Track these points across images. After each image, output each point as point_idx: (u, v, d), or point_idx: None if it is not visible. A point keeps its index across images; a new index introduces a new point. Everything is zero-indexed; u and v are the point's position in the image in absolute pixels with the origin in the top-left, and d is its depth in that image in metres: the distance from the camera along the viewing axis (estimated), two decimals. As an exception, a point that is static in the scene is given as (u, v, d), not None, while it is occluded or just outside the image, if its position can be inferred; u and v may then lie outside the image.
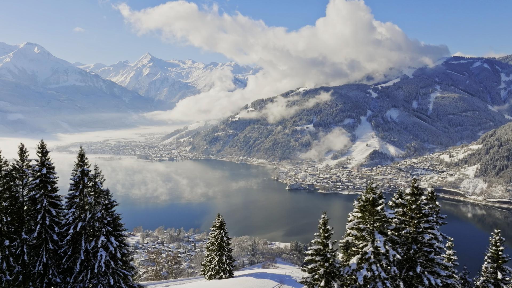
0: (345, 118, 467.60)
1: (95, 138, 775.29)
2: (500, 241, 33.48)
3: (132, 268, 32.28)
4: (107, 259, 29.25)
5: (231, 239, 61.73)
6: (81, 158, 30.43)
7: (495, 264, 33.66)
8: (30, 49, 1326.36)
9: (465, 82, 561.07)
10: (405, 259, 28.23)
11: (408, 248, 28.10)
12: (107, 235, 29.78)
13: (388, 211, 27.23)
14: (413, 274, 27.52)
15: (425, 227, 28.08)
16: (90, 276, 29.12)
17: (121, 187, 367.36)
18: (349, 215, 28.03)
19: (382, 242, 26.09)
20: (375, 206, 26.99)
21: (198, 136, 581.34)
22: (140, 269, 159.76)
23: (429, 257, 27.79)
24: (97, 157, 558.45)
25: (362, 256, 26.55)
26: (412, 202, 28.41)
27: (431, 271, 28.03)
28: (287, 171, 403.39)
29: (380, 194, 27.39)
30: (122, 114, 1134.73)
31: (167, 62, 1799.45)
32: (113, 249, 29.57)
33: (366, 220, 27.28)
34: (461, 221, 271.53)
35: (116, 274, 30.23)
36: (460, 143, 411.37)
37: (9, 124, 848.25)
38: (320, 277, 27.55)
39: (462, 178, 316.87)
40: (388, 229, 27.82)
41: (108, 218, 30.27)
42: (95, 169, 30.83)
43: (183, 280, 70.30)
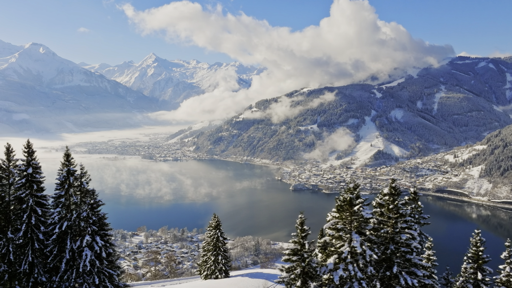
0: (349, 118, 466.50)
1: (99, 138, 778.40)
2: (480, 242, 33.41)
3: (118, 268, 32.27)
4: (92, 258, 29.26)
5: (229, 239, 61.73)
6: (67, 158, 30.37)
7: (475, 264, 33.53)
8: (35, 49, 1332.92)
9: (470, 82, 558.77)
10: (382, 259, 28.18)
11: (386, 248, 28.02)
12: (93, 234, 29.79)
13: (365, 211, 27.08)
14: (390, 274, 27.45)
15: (403, 227, 27.98)
16: (76, 275, 29.15)
17: (125, 187, 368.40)
18: (328, 215, 28.06)
19: (359, 242, 26.12)
20: (353, 206, 26.91)
21: (202, 136, 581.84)
22: (144, 268, 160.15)
23: (406, 257, 27.71)
24: (101, 157, 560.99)
25: (339, 256, 26.61)
26: (390, 202, 28.28)
27: (408, 271, 27.97)
28: (291, 171, 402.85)
29: (358, 194, 27.42)
30: (127, 114, 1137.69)
31: (171, 62, 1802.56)
32: (98, 249, 29.57)
33: (343, 220, 27.30)
34: (465, 221, 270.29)
35: (102, 274, 30.21)
36: (465, 143, 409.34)
37: (14, 124, 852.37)
38: (297, 276, 27.62)
39: (467, 179, 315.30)
40: (366, 229, 27.75)
41: (94, 217, 30.26)
42: (81, 169, 30.75)
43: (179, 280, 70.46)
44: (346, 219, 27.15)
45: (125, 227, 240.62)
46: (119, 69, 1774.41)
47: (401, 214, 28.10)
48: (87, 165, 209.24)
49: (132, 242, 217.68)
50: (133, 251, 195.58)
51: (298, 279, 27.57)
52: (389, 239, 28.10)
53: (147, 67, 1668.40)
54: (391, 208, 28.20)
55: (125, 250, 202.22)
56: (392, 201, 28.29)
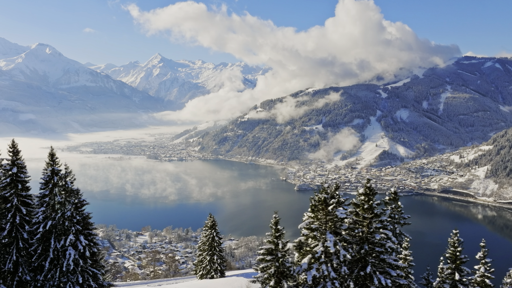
0: (354, 118, 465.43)
1: (105, 138, 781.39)
2: (458, 242, 33.30)
3: (103, 267, 32.38)
4: (76, 257, 29.36)
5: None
6: (52, 158, 30.42)
7: (453, 265, 33.35)
8: (41, 49, 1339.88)
9: (476, 82, 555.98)
10: (357, 259, 28.23)
11: (360, 248, 28.03)
12: (77, 233, 29.88)
13: (339, 211, 27.19)
14: (365, 274, 27.44)
15: (377, 227, 27.93)
16: (60, 274, 29.27)
17: (130, 187, 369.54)
18: (304, 214, 28.10)
19: (332, 242, 26.20)
20: (327, 206, 27.00)
21: (207, 136, 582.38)
22: (149, 268, 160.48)
23: (380, 257, 27.66)
24: (107, 157, 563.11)
25: (313, 256, 26.66)
26: (365, 202, 28.22)
27: (383, 271, 27.93)
28: (296, 172, 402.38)
29: (332, 193, 27.52)
30: (132, 114, 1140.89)
31: (177, 63, 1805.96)
32: (82, 248, 29.68)
33: (319, 220, 27.37)
34: (471, 222, 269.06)
35: (86, 273, 30.31)
36: (470, 143, 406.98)
37: (20, 124, 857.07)
38: (270, 276, 27.70)
39: (473, 179, 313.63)
40: (341, 229, 27.85)
41: (78, 217, 30.34)
42: (66, 168, 30.86)
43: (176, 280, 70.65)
44: (322, 219, 27.22)
45: (129, 226, 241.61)
46: (124, 69, 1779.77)
47: (376, 214, 28.05)
48: (93, 165, 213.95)
49: (136, 242, 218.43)
50: (138, 251, 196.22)
51: (272, 278, 27.64)
52: (364, 239, 28.08)
53: (152, 67, 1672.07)
54: (366, 208, 28.16)
55: (130, 250, 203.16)
56: (367, 201, 28.19)
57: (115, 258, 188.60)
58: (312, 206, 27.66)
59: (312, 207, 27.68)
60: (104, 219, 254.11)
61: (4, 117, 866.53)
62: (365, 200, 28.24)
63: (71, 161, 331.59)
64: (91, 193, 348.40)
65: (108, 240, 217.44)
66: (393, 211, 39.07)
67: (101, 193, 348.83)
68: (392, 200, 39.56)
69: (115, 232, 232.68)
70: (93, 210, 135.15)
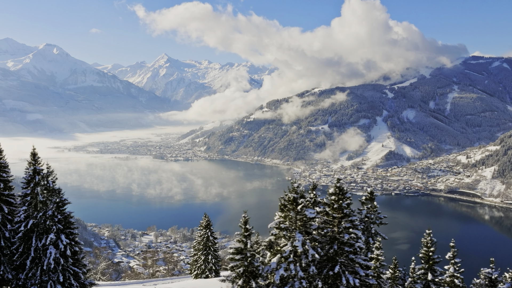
0: (360, 118, 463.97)
1: (112, 138, 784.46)
2: (431, 242, 33.10)
3: (84, 266, 32.42)
4: (57, 256, 29.43)
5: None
6: (34, 157, 30.48)
7: (426, 265, 33.19)
8: (49, 50, 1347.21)
9: (484, 82, 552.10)
10: (327, 259, 28.35)
11: (330, 247, 28.19)
12: (58, 232, 29.96)
13: (308, 211, 27.16)
14: (333, 273, 27.54)
15: (346, 227, 28.07)
16: (41, 272, 29.37)
17: (136, 187, 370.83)
18: (276, 214, 28.16)
19: (301, 242, 26.21)
20: (297, 205, 26.94)
21: (213, 136, 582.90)
22: (153, 268, 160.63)
23: (349, 257, 27.83)
24: (113, 156, 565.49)
25: (282, 255, 26.73)
26: (335, 202, 28.38)
27: (351, 271, 28.05)
28: (302, 172, 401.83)
29: (302, 193, 27.49)
30: (139, 115, 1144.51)
31: (183, 63, 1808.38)
32: (63, 247, 29.75)
33: (289, 219, 27.42)
34: (478, 223, 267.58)
35: (67, 271, 30.36)
36: (478, 144, 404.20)
37: (28, 124, 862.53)
38: (239, 275, 27.82)
39: (479, 180, 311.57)
40: (312, 228, 27.90)
41: (59, 216, 30.41)
42: (48, 168, 30.91)
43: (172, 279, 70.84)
44: (292, 219, 27.30)
45: (135, 226, 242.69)
46: (131, 69, 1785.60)
47: (346, 214, 28.21)
48: (99, 164, 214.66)
49: (142, 242, 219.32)
50: (143, 250, 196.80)
51: (240, 277, 27.75)
52: (334, 238, 28.24)
53: (159, 68, 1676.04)
54: (336, 208, 28.29)
55: (135, 250, 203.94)
56: (336, 201, 28.34)
57: (120, 258, 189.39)
58: (281, 206, 27.67)
59: (281, 207, 27.75)
60: (110, 219, 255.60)
61: (12, 117, 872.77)
62: (335, 200, 28.46)
63: (78, 161, 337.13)
64: (98, 193, 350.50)
65: (113, 240, 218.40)
66: (369, 211, 39.04)
67: (107, 193, 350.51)
68: (368, 200, 39.51)
69: (121, 232, 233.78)
70: (99, 210, 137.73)
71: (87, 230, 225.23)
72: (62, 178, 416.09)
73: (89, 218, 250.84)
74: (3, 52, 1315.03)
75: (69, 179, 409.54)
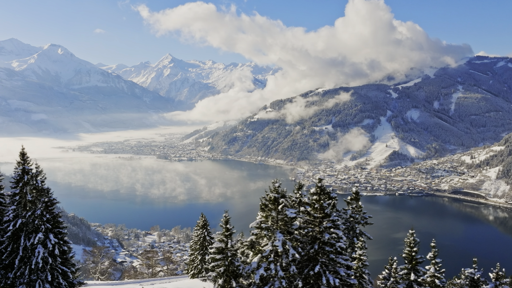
0: (364, 118, 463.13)
1: (116, 138, 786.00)
2: (414, 242, 32.98)
3: (73, 265, 32.49)
4: (45, 255, 29.53)
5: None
6: (23, 157, 30.55)
7: (409, 265, 32.99)
8: (54, 50, 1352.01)
9: (489, 82, 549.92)
10: (308, 258, 28.46)
11: (311, 247, 28.28)
12: (46, 232, 30.07)
13: (289, 211, 27.34)
14: (314, 273, 27.62)
15: (327, 226, 28.12)
16: (29, 272, 29.49)
17: (140, 187, 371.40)
18: (258, 214, 28.29)
19: (281, 241, 26.36)
20: (278, 205, 27.07)
21: (217, 136, 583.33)
22: (156, 267, 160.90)
23: (330, 257, 27.92)
24: (117, 156, 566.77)
25: (262, 255, 26.83)
26: (316, 201, 28.47)
27: (332, 271, 28.16)
28: (305, 172, 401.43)
29: (283, 193, 27.63)
30: (143, 115, 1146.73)
31: (187, 63, 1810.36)
32: (51, 246, 29.84)
33: (271, 219, 27.62)
34: (482, 223, 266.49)
35: (55, 270, 30.47)
36: (482, 144, 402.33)
37: (33, 124, 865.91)
38: (219, 275, 28.03)
39: (484, 180, 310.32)
40: (293, 228, 28.03)
41: (48, 215, 30.50)
42: (36, 168, 30.99)
43: (169, 279, 70.93)
44: (273, 218, 27.50)
45: (138, 226, 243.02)
46: (135, 69, 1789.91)
47: (326, 214, 28.27)
48: (103, 164, 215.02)
49: (145, 241, 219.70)
50: (146, 250, 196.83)
51: (221, 277, 27.93)
52: (315, 238, 28.35)
53: (163, 68, 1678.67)
54: (317, 208, 28.37)
55: (138, 249, 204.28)
56: (318, 201, 28.42)
57: (124, 257, 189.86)
58: (262, 206, 27.79)
59: (261, 206, 27.82)
60: (113, 219, 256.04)
61: (17, 117, 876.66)
62: (316, 200, 28.52)
63: (82, 161, 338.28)
64: (101, 193, 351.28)
65: (117, 240, 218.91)
66: (354, 211, 38.99)
67: (111, 192, 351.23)
68: (353, 200, 39.47)
69: (124, 232, 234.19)
70: (103, 210, 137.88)
71: (90, 229, 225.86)
72: (66, 178, 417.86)
73: (93, 218, 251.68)
74: (8, 52, 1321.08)
75: (73, 179, 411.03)
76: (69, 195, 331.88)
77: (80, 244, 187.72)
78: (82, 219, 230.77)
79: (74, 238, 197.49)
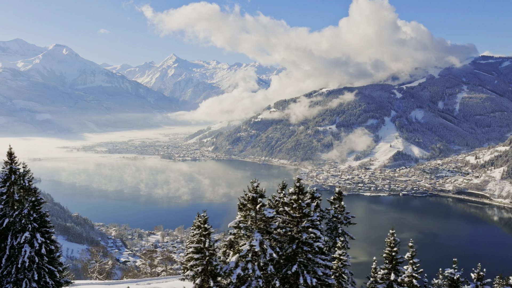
0: (368, 118, 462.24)
1: (120, 138, 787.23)
2: (394, 242, 32.81)
3: (61, 264, 32.61)
4: (32, 254, 29.71)
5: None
6: (10, 156, 30.65)
7: (390, 265, 32.92)
8: (58, 50, 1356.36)
9: (494, 82, 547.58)
10: (286, 258, 28.57)
11: (289, 247, 28.40)
12: (33, 231, 30.23)
13: (267, 210, 27.53)
14: (291, 273, 27.75)
15: (305, 226, 28.21)
16: (15, 271, 29.66)
17: (144, 187, 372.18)
18: (238, 214, 28.49)
19: (258, 241, 26.57)
20: (256, 204, 27.32)
21: (221, 136, 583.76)
22: (159, 267, 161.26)
23: (308, 256, 28.04)
24: (121, 156, 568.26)
25: (240, 255, 27.06)
26: (294, 201, 28.60)
27: (310, 271, 28.22)
28: (309, 172, 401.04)
29: (261, 193, 27.92)
30: (147, 115, 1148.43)
31: (191, 63, 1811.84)
32: (38, 245, 30.01)
33: (251, 219, 27.79)
34: (487, 224, 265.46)
35: (42, 270, 30.63)
36: (487, 144, 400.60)
37: (37, 124, 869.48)
38: (197, 274, 28.18)
39: (488, 180, 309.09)
40: (271, 228, 28.21)
41: (35, 215, 30.65)
42: (24, 167, 31.11)
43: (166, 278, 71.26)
44: (253, 218, 27.67)
45: (142, 226, 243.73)
46: (140, 69, 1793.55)
47: (305, 213, 28.35)
48: (107, 164, 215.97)
49: (148, 241, 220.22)
50: (149, 250, 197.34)
51: (198, 276, 28.06)
52: (293, 238, 28.46)
53: (167, 68, 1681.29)
54: (295, 207, 28.49)
55: (141, 249, 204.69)
56: (296, 200, 28.52)
57: (127, 257, 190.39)
58: (240, 205, 28.07)
59: (239, 206, 28.10)
60: (117, 219, 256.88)
61: (22, 117, 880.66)
62: (294, 200, 28.63)
63: (86, 161, 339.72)
64: (105, 193, 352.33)
65: (120, 239, 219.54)
66: (337, 211, 38.93)
67: (115, 192, 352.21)
68: (336, 200, 39.40)
69: (128, 231, 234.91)
70: (107, 210, 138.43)
71: (94, 229, 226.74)
72: (71, 177, 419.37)
73: (97, 218, 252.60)
74: (13, 52, 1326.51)
75: (78, 179, 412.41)
76: (73, 195, 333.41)
77: (83, 243, 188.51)
78: (86, 218, 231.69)
79: (78, 237, 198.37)
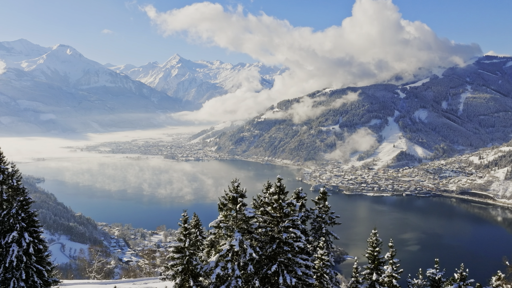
0: (371, 118, 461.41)
1: (123, 138, 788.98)
2: (377, 242, 32.75)
3: (49, 264, 32.67)
4: (20, 254, 29.81)
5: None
6: None
7: (372, 265, 32.99)
8: (62, 50, 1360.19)
9: (498, 82, 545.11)
10: (266, 258, 28.66)
11: (270, 247, 28.47)
12: (21, 230, 30.30)
13: (248, 210, 27.63)
14: (271, 273, 27.82)
15: (285, 226, 28.27)
16: (3, 270, 29.74)
17: (147, 187, 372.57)
18: (219, 213, 28.54)
19: (238, 241, 26.57)
20: (235, 204, 27.40)
21: (224, 136, 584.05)
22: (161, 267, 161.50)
23: (288, 256, 28.15)
24: (125, 156, 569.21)
25: (220, 254, 27.09)
26: (275, 201, 28.69)
27: (290, 270, 28.33)
28: (312, 172, 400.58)
29: (242, 193, 27.85)
30: (151, 115, 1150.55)
31: (195, 63, 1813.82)
32: (26, 245, 30.08)
33: (230, 218, 27.74)
34: (491, 224, 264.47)
35: (30, 269, 30.71)
36: (491, 144, 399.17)
37: (41, 124, 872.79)
38: (177, 273, 28.23)
39: (492, 181, 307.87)
40: (252, 228, 28.26)
41: (23, 214, 30.70)
42: (12, 167, 31.17)
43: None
44: (234, 218, 27.77)
45: (145, 225, 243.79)
46: (143, 69, 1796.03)
47: (285, 213, 28.42)
48: (111, 164, 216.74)
49: (151, 241, 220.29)
50: (151, 250, 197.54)
51: (178, 276, 28.06)
52: (274, 238, 28.54)
53: (171, 68, 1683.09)
54: (276, 207, 28.58)
55: (144, 249, 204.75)
56: (276, 200, 28.59)
57: (130, 257, 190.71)
58: (220, 205, 28.06)
59: (220, 206, 28.10)
60: (120, 218, 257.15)
61: (26, 117, 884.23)
62: (275, 200, 28.72)
63: (90, 161, 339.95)
64: (109, 193, 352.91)
65: (123, 239, 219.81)
66: (321, 210, 38.85)
67: (118, 192, 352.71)
68: (321, 199, 39.34)
69: (131, 231, 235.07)
70: (110, 209, 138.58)
71: (97, 229, 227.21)
72: (74, 177, 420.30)
73: (100, 217, 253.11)
74: (17, 53, 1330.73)
75: (81, 179, 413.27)
76: (76, 195, 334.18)
77: (86, 243, 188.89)
78: (89, 218, 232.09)
79: (81, 237, 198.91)
